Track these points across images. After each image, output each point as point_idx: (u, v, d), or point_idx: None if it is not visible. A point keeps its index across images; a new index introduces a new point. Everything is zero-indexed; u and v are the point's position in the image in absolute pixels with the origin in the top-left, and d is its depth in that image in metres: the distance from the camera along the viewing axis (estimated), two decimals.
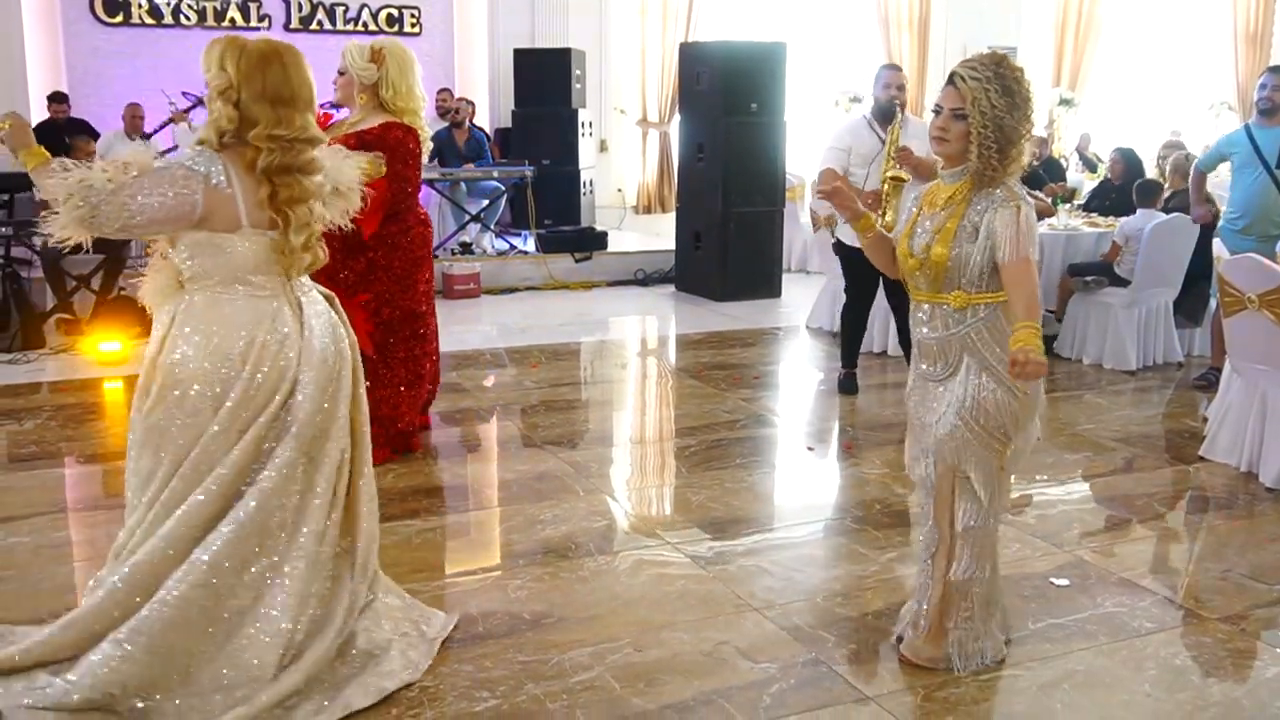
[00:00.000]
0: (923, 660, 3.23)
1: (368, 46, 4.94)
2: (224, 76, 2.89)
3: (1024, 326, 2.89)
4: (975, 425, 3.05)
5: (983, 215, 2.99)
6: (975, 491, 3.11)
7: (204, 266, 2.91)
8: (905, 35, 14.59)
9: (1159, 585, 3.87)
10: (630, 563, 4.00)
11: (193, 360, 2.89)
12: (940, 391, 3.14)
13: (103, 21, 10.97)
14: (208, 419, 2.89)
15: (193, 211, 2.84)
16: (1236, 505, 4.73)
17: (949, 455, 3.10)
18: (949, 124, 3.00)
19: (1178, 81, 16.07)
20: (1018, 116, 2.93)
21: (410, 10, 12.08)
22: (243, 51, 2.92)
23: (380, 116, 4.91)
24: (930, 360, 3.16)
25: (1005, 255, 2.95)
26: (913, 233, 3.14)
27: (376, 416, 4.73)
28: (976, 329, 3.05)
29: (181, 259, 2.92)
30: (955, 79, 2.98)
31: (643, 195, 13.72)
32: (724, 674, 3.21)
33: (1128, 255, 7.03)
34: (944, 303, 3.07)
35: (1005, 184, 3.00)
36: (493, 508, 4.65)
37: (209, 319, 2.91)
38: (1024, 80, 2.97)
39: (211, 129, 2.89)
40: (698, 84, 9.53)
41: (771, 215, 9.60)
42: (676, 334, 8.49)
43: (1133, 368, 6.99)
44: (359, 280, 4.90)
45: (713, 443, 5.45)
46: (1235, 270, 5.14)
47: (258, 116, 2.87)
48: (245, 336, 2.91)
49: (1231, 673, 3.30)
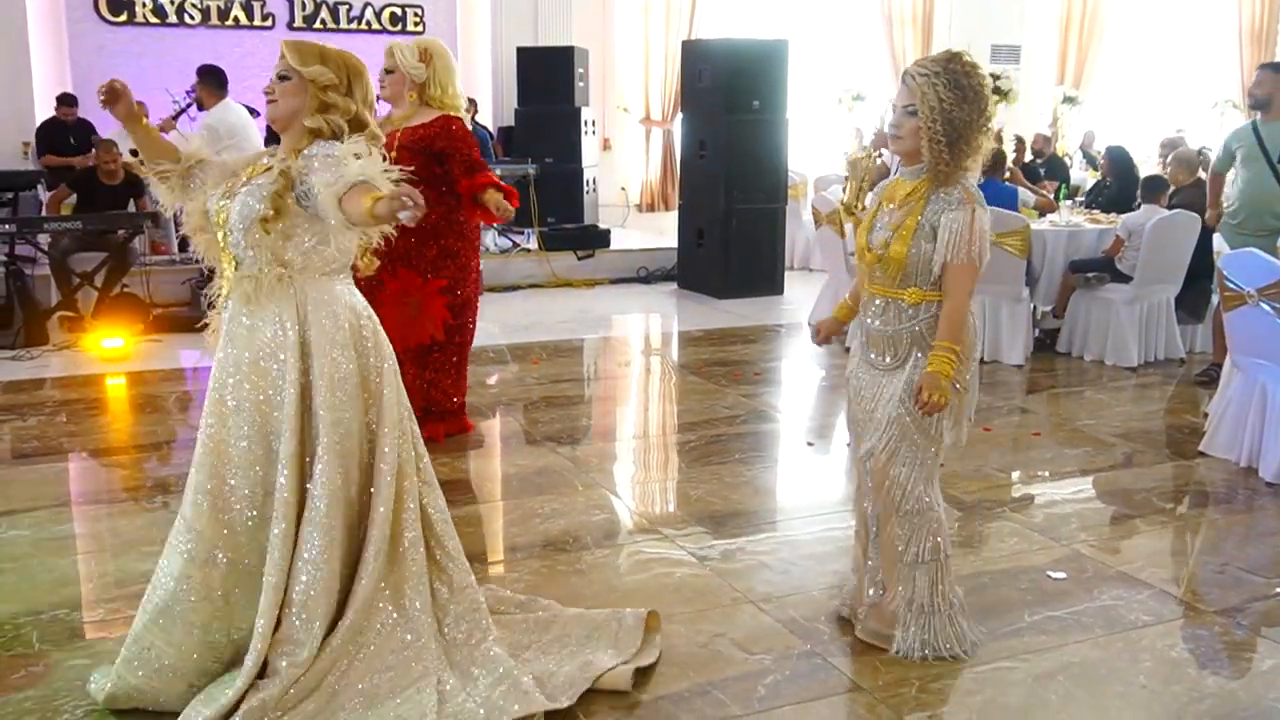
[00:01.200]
0: (876, 640, 3.28)
1: (414, 46, 5.06)
2: (330, 75, 2.84)
3: (941, 349, 3.00)
4: (915, 416, 3.11)
5: (939, 214, 3.04)
6: (910, 478, 3.17)
7: (325, 255, 2.85)
8: (909, 33, 14.58)
9: (1156, 579, 3.87)
10: (628, 556, 4.01)
11: (343, 347, 2.84)
12: (885, 381, 3.20)
13: (107, 20, 11.01)
14: (360, 411, 2.86)
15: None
16: (1236, 500, 4.73)
17: (888, 442, 3.17)
18: (902, 120, 3.06)
19: (1182, 80, 16.06)
20: (968, 110, 2.97)
21: (413, 9, 12.11)
22: (339, 54, 2.90)
23: (430, 112, 5.04)
24: (879, 351, 3.22)
25: (949, 256, 3.01)
26: (871, 226, 3.20)
27: (430, 397, 5.16)
28: (928, 324, 3.11)
29: (301, 249, 2.81)
30: (905, 77, 3.05)
31: (645, 193, 13.75)
32: (719, 665, 3.21)
33: (1130, 251, 7.02)
34: (899, 298, 3.13)
35: (963, 184, 3.05)
36: (492, 502, 4.66)
37: (344, 308, 2.88)
38: (975, 75, 3.00)
39: (329, 122, 2.83)
40: (700, 82, 9.54)
41: (774, 213, 9.62)
42: (678, 331, 8.51)
43: (1134, 364, 6.98)
44: (430, 266, 5.04)
45: (712, 438, 5.46)
46: (1235, 265, 5.13)
47: (365, 118, 2.90)
48: (370, 320, 2.94)
49: (1228, 665, 3.30)
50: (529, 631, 3.22)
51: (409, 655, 2.84)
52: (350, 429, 2.83)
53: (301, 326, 2.81)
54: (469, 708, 2.79)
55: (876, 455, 3.20)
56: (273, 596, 2.74)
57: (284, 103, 2.85)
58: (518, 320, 8.45)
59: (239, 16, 11.44)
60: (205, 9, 11.30)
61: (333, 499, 2.78)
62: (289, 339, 2.79)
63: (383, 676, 2.80)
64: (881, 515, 3.28)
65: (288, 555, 2.76)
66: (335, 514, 2.79)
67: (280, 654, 2.74)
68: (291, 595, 2.76)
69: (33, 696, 2.98)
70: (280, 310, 2.81)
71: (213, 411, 2.83)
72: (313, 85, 2.83)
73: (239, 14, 11.43)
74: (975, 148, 3.02)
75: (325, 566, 2.77)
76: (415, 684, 2.80)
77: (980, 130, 3.01)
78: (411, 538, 2.90)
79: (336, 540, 2.80)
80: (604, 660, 3.08)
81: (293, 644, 2.75)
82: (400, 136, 4.95)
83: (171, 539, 2.86)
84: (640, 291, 9.97)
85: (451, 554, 3.01)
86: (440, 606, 2.98)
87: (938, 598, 3.22)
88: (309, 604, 2.75)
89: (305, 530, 2.77)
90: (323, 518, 2.77)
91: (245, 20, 11.47)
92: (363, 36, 11.76)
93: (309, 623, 2.75)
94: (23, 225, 7.52)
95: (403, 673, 2.82)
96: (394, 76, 5.05)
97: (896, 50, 14.55)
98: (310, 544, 2.76)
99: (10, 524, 4.22)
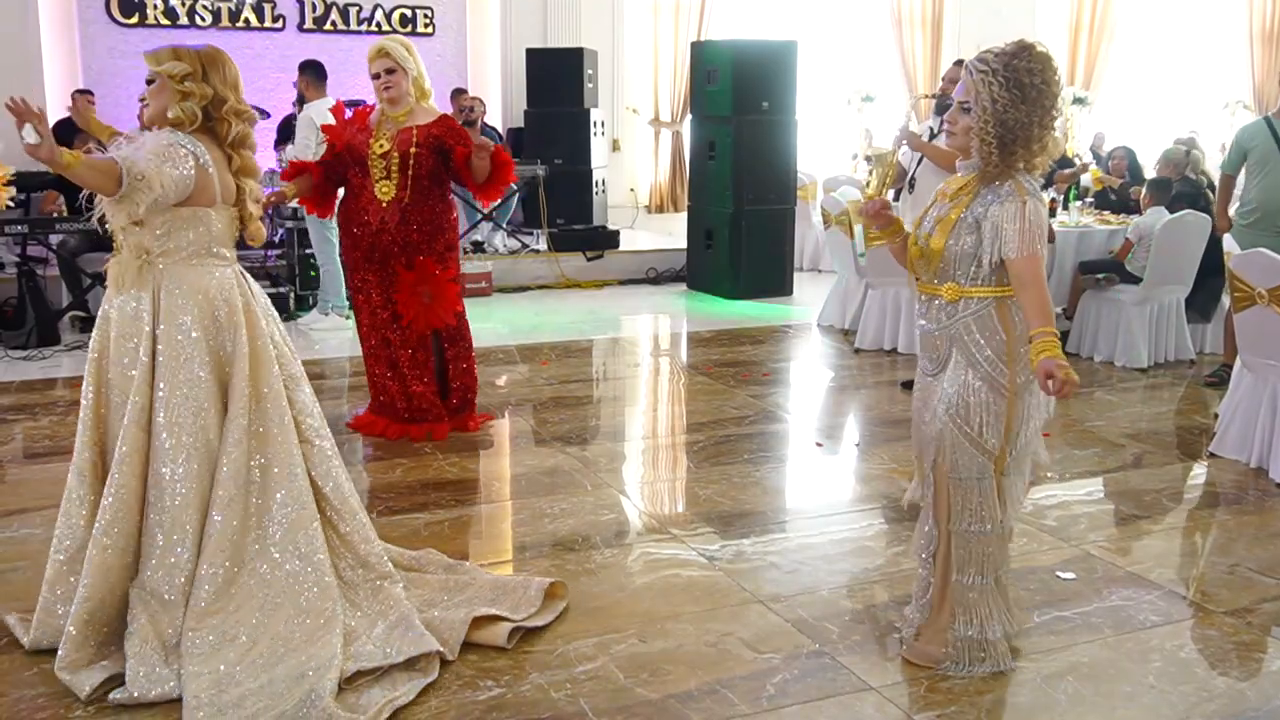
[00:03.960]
0: (920, 659, 3.21)
1: (399, 42, 5.19)
2: (182, 65, 3.13)
3: (1042, 334, 2.83)
4: (961, 424, 3.01)
5: (986, 208, 2.94)
6: (966, 495, 3.05)
7: (181, 240, 3.14)
8: (918, 34, 14.56)
9: (1166, 580, 3.87)
10: (636, 556, 4.02)
11: (194, 328, 3.12)
12: (934, 386, 3.11)
13: (118, 22, 11.04)
14: (210, 387, 3.14)
15: (190, 187, 3.10)
16: (1246, 501, 4.72)
17: (938, 454, 3.08)
18: (956, 116, 2.98)
19: (1193, 80, 16.00)
20: (1026, 111, 2.84)
21: (423, 10, 12.12)
22: (191, 49, 3.20)
23: (426, 110, 5.24)
24: (926, 353, 3.15)
25: (1011, 251, 2.89)
26: (922, 221, 3.14)
27: (462, 385, 5.48)
28: (965, 323, 3.00)
29: (155, 235, 3.11)
30: (966, 69, 2.94)
31: (655, 194, 13.74)
32: (727, 664, 3.22)
33: (1139, 252, 7.01)
34: (938, 295, 3.05)
35: (1015, 179, 2.93)
36: (501, 502, 4.67)
37: (197, 288, 3.15)
38: (1041, 73, 2.85)
39: (184, 109, 3.13)
40: (709, 83, 9.54)
41: (783, 214, 9.61)
42: (687, 332, 8.51)
43: (1144, 365, 6.97)
44: (439, 258, 5.27)
45: (721, 438, 5.47)
46: (1246, 265, 5.12)
47: (226, 95, 3.19)
48: (227, 302, 3.18)
49: (1237, 666, 3.30)
50: (443, 591, 3.50)
51: (317, 600, 3.14)
52: (199, 402, 3.11)
53: (155, 308, 3.12)
54: (369, 650, 3.09)
55: (935, 469, 3.11)
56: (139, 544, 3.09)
57: (153, 103, 3.18)
58: (527, 321, 8.46)
59: (250, 18, 11.46)
60: (216, 11, 11.32)
61: (175, 470, 3.07)
62: (142, 320, 3.11)
63: (297, 622, 3.08)
64: (940, 531, 3.16)
65: (128, 514, 3.08)
66: (183, 479, 3.07)
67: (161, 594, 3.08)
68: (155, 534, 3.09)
69: (45, 693, 3.00)
70: (139, 293, 3.12)
71: (90, 385, 3.16)
72: (171, 80, 3.13)
73: (250, 16, 11.45)
74: (1034, 149, 2.89)
75: (172, 519, 3.08)
76: (325, 626, 3.09)
77: (1042, 130, 2.88)
78: (284, 496, 3.18)
79: (181, 498, 3.09)
80: (489, 611, 3.37)
81: (156, 600, 3.07)
82: (418, 135, 5.12)
83: (65, 503, 3.19)
84: (649, 292, 9.98)
85: (337, 506, 3.32)
86: (334, 552, 3.30)
87: (988, 624, 3.12)
88: (163, 535, 3.08)
89: (151, 493, 3.09)
90: (169, 481, 3.07)
91: (256, 22, 11.49)
92: (373, 38, 11.72)
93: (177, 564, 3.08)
94: (34, 226, 7.56)
95: (314, 618, 3.10)
96: (396, 75, 5.13)
97: (906, 51, 14.53)
98: (157, 501, 3.08)
99: (23, 522, 4.25)
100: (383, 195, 5.12)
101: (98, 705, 2.94)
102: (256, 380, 3.19)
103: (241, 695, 2.88)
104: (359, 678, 3.02)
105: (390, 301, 5.25)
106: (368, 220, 5.17)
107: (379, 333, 5.32)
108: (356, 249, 5.26)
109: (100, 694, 2.95)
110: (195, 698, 2.85)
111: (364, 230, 5.19)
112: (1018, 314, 2.97)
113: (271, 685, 2.92)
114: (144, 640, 3.00)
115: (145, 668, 2.96)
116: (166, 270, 3.13)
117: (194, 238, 3.15)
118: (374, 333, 5.34)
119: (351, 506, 3.36)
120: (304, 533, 3.19)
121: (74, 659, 3.01)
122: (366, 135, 5.18)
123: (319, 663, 2.98)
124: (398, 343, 5.29)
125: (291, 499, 3.19)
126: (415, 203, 5.14)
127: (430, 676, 3.08)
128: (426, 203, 5.18)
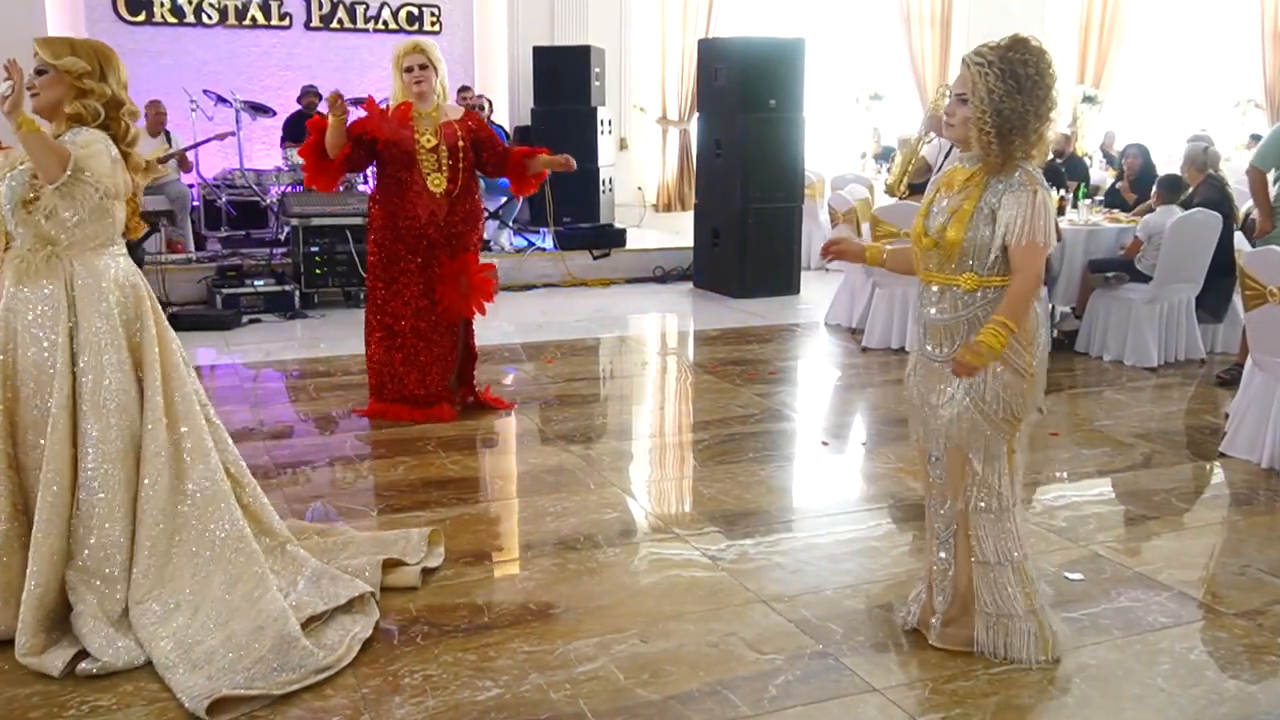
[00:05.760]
0: (953, 645, 3.20)
1: (431, 43, 5.41)
2: (82, 64, 3.18)
3: (995, 322, 2.91)
4: (984, 406, 3.03)
5: (999, 197, 2.96)
6: (985, 474, 3.08)
7: (91, 231, 3.21)
8: (927, 32, 14.51)
9: (1175, 581, 3.81)
10: (639, 555, 3.98)
11: (111, 314, 3.22)
12: (947, 372, 3.09)
13: (126, 20, 11.05)
14: (130, 371, 3.25)
15: (121, 187, 3.24)
16: (1256, 501, 4.67)
17: (957, 437, 3.08)
18: (955, 109, 3.00)
19: (1203, 79, 15.92)
20: (1022, 101, 2.87)
21: (430, 9, 12.11)
22: (86, 42, 3.28)
23: (452, 107, 5.47)
24: (936, 342, 3.12)
25: (1013, 238, 2.92)
26: (928, 212, 3.12)
27: (467, 373, 5.72)
28: (986, 310, 3.00)
29: (65, 227, 3.16)
30: (963, 62, 2.98)
31: (662, 193, 13.71)
32: (730, 665, 3.18)
33: (1149, 250, 6.95)
34: (955, 284, 3.04)
35: (1025, 169, 2.95)
36: (504, 500, 4.64)
37: (108, 276, 3.24)
38: (1035, 64, 2.90)
39: (86, 107, 3.19)
40: (716, 81, 9.49)
41: (790, 212, 9.56)
42: (694, 330, 8.47)
43: (1154, 364, 6.90)
44: (475, 249, 5.51)
45: (726, 437, 5.43)
46: (1258, 262, 5.07)
47: (121, 97, 3.26)
48: (134, 289, 3.30)
49: (1247, 668, 3.25)
50: (327, 552, 3.70)
51: (245, 566, 3.29)
52: (122, 385, 3.21)
53: (70, 297, 3.18)
54: (306, 600, 3.31)
55: (949, 452, 3.11)
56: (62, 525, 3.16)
57: (45, 95, 3.19)
58: (533, 319, 8.43)
59: (256, 16, 11.46)
60: (223, 9, 11.33)
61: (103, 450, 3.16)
62: (59, 311, 3.16)
63: (232, 589, 3.24)
64: (959, 514, 3.17)
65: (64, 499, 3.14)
66: (108, 459, 3.16)
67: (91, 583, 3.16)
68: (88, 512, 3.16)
69: (40, 692, 2.98)
70: (51, 284, 3.17)
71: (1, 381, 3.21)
72: (68, 75, 3.16)
73: (256, 13, 11.45)
74: (1032, 139, 2.92)
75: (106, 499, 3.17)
76: (260, 586, 3.25)
77: (1039, 120, 2.91)
78: (202, 470, 3.31)
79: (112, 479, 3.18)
80: (388, 556, 3.66)
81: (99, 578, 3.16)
82: (460, 129, 5.36)
83: None
84: (656, 291, 9.94)
85: (238, 479, 3.47)
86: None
87: (1014, 601, 3.12)
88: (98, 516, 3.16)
89: (80, 476, 3.16)
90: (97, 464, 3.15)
91: (263, 20, 11.49)
92: (380, 36, 11.77)
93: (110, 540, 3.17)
94: None
95: (246, 583, 3.26)
96: (428, 72, 5.30)
97: (914, 49, 14.48)
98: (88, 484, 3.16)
99: None
100: (435, 188, 5.30)
101: (91, 705, 2.92)
102: (165, 363, 3.32)
103: (208, 651, 3.06)
104: (310, 623, 3.23)
105: (429, 290, 5.41)
106: (417, 213, 5.33)
107: (410, 321, 5.44)
108: (400, 241, 5.37)
109: (69, 670, 3.04)
110: (165, 658, 3.03)
111: (412, 223, 5.34)
112: (1037, 306, 3.04)
113: (233, 639, 3.09)
114: (94, 617, 3.11)
115: (103, 640, 3.08)
116: (75, 261, 3.21)
117: (101, 229, 3.24)
118: (402, 321, 5.44)
119: (250, 478, 3.54)
120: (224, 504, 3.34)
121: (33, 644, 3.08)
122: (409, 130, 5.28)
123: (272, 615, 3.16)
124: (427, 330, 5.44)
125: (208, 473, 3.33)
126: (461, 195, 5.38)
127: (375, 615, 3.35)
128: (470, 195, 5.45)
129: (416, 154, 5.27)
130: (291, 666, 3.04)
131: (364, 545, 3.79)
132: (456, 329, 5.55)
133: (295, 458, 5.03)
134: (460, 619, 3.44)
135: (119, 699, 2.96)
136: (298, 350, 7.35)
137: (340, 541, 3.82)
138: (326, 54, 11.77)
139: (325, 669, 3.06)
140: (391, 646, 3.27)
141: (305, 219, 8.52)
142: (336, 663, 3.10)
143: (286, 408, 6.03)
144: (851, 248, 3.39)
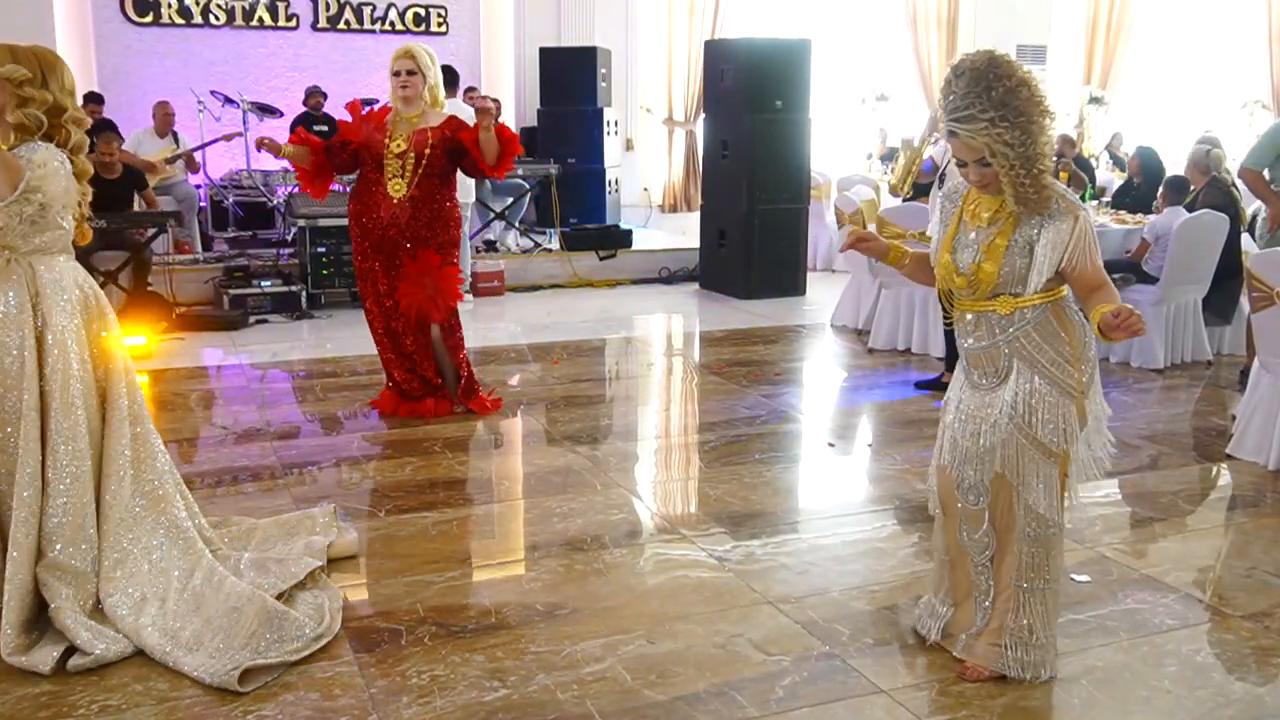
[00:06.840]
0: (982, 661, 3.13)
1: (423, 48, 5.48)
2: (22, 71, 3.16)
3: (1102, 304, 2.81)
4: (1029, 430, 2.97)
5: (1037, 229, 2.89)
6: (1031, 500, 3.01)
7: (46, 238, 3.22)
8: (933, 34, 14.50)
9: (1182, 583, 3.81)
10: (646, 556, 3.99)
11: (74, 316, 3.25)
12: (991, 399, 3.04)
13: (133, 21, 11.08)
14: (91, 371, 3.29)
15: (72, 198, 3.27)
16: (1264, 503, 4.66)
17: (1001, 462, 3.02)
18: (981, 174, 2.90)
19: (1210, 80, 15.88)
20: (1035, 127, 2.80)
21: (437, 10, 12.13)
22: (30, 50, 3.24)
23: (435, 114, 5.50)
24: (980, 369, 3.08)
25: (1077, 267, 2.87)
26: (953, 247, 3.05)
27: (469, 371, 5.88)
28: (1025, 331, 2.96)
29: (21, 233, 3.17)
30: (960, 134, 2.83)
31: (668, 194, 13.72)
32: (736, 666, 3.18)
33: (1156, 251, 6.94)
34: (990, 310, 3.00)
35: (1057, 195, 2.89)
36: (510, 501, 4.65)
37: (69, 280, 3.27)
38: (1025, 86, 2.79)
39: (28, 116, 3.17)
40: (722, 82, 9.50)
41: (796, 213, 9.57)
42: (700, 331, 8.48)
43: (1161, 366, 6.90)
44: (442, 251, 5.52)
45: (732, 438, 5.43)
46: (1264, 264, 5.06)
47: (65, 103, 3.24)
48: (93, 292, 3.36)
49: (1254, 670, 3.24)
50: (235, 540, 3.80)
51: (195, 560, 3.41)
52: (86, 384, 3.26)
53: (35, 300, 3.19)
54: (266, 582, 3.44)
55: (995, 479, 3.03)
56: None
57: None
58: (539, 320, 8.44)
59: (264, 17, 11.49)
60: (230, 10, 11.35)
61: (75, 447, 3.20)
62: (25, 312, 3.18)
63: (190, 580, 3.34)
64: (1003, 538, 3.10)
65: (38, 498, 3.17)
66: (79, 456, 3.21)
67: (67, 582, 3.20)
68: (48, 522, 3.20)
69: (48, 692, 2.99)
70: (14, 288, 3.18)
71: None
72: (8, 83, 3.14)
73: (263, 15, 11.48)
74: (1046, 150, 2.84)
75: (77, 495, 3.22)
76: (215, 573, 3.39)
77: (1041, 126, 2.82)
78: (153, 468, 3.42)
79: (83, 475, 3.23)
80: (320, 541, 3.80)
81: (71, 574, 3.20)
82: (433, 136, 5.39)
83: None
84: (662, 292, 9.94)
85: (178, 480, 3.56)
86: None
87: (1048, 624, 3.09)
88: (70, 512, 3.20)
89: (51, 473, 3.18)
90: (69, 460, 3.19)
91: (270, 21, 11.52)
92: (386, 37, 11.79)
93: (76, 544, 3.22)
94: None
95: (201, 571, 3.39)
96: (416, 78, 5.41)
97: (921, 50, 14.47)
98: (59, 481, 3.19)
99: None
100: (394, 192, 5.40)
101: (100, 705, 2.93)
102: (127, 364, 3.39)
103: (195, 633, 3.17)
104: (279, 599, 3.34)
105: (394, 289, 5.52)
106: (379, 215, 5.44)
107: (384, 320, 5.61)
108: (366, 239, 5.52)
109: (60, 666, 3.07)
110: (158, 645, 3.12)
111: (374, 223, 5.47)
112: (1073, 314, 2.98)
113: (212, 622, 3.20)
114: (74, 611, 3.16)
115: (90, 633, 3.12)
116: (35, 265, 3.22)
117: (55, 236, 3.26)
118: (378, 319, 5.63)
119: (179, 477, 3.61)
120: (172, 503, 3.45)
121: (19, 643, 3.11)
122: (383, 134, 5.44)
123: (243, 595, 3.27)
124: (401, 329, 5.58)
125: (157, 471, 3.44)
126: (424, 200, 5.43)
127: (335, 588, 3.54)
128: (434, 200, 5.47)
129: (385, 158, 5.40)
130: (291, 637, 3.17)
131: (270, 530, 3.92)
132: (428, 329, 5.60)
133: (302, 458, 5.05)
134: (468, 619, 3.45)
135: (127, 698, 2.97)
136: (304, 351, 7.36)
137: (244, 530, 3.93)
138: (333, 55, 11.79)
139: (320, 637, 3.21)
140: (399, 647, 3.28)
141: (312, 220, 8.53)
142: (327, 631, 3.25)
143: (293, 408, 6.04)
144: (878, 245, 3.29)
